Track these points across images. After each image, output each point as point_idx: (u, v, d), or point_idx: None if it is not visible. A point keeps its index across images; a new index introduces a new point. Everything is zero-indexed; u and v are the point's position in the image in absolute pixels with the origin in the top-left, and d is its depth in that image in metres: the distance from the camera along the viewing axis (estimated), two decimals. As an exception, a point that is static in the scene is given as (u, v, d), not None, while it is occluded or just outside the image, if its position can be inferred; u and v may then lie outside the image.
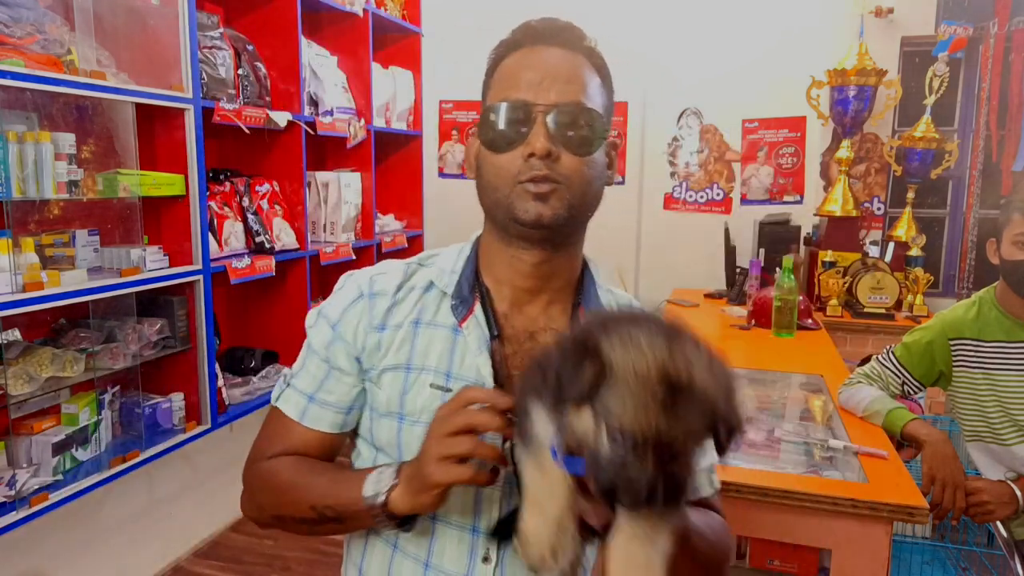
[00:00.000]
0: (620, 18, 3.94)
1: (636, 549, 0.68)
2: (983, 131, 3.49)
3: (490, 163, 0.90)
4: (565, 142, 0.87)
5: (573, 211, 0.90)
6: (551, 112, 0.87)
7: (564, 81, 0.88)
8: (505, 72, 0.92)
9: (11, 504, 1.88)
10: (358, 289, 0.97)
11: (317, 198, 3.17)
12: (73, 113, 2.15)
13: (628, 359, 0.64)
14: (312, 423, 0.96)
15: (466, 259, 0.97)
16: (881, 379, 1.96)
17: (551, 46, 0.91)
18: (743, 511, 1.54)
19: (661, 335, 0.66)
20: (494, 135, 0.89)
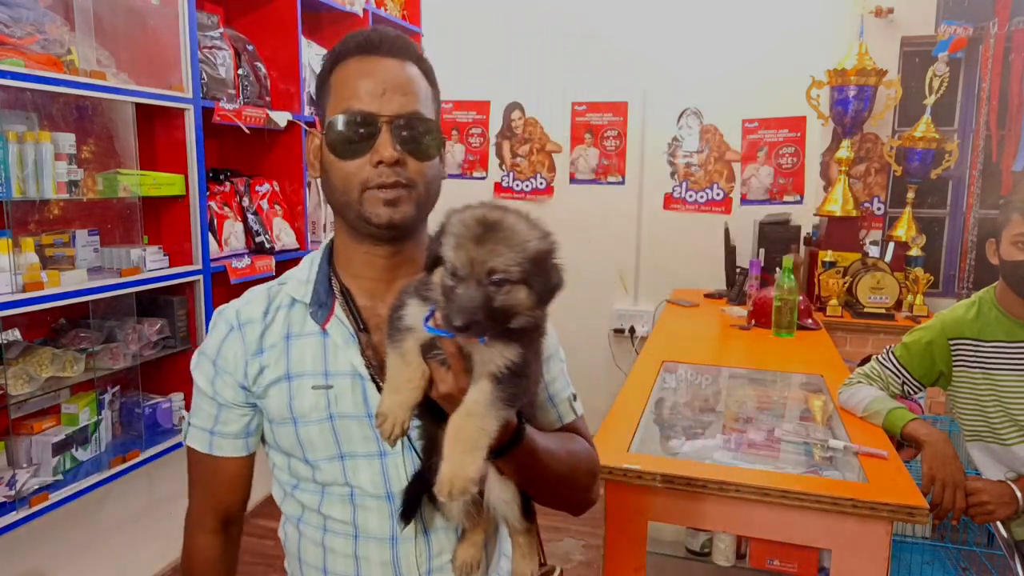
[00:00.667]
0: (620, 18, 3.94)
1: (467, 423, 0.82)
2: (983, 131, 3.49)
3: (338, 168, 0.97)
4: (409, 149, 0.96)
5: (420, 209, 1.00)
6: (395, 122, 0.95)
7: (402, 92, 0.96)
8: (345, 80, 0.98)
9: (11, 504, 1.88)
10: (227, 324, 1.04)
11: (317, 198, 3.17)
12: (73, 113, 2.16)
13: (457, 215, 0.83)
14: (220, 452, 1.07)
15: (318, 265, 1.06)
16: (881, 379, 1.96)
17: (385, 56, 0.98)
18: (743, 511, 1.54)
19: (492, 205, 0.84)
20: (340, 143, 0.96)
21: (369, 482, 1.00)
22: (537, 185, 4.21)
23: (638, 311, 4.08)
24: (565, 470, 1.00)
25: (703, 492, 1.55)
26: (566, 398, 1.11)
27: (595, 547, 2.86)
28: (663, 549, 2.29)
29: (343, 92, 0.97)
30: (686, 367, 2.51)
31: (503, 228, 0.81)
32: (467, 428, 0.82)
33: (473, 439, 0.82)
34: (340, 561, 1.03)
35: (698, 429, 1.96)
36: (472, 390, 0.83)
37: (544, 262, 0.82)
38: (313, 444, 1.00)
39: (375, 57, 0.97)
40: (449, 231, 0.82)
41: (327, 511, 1.03)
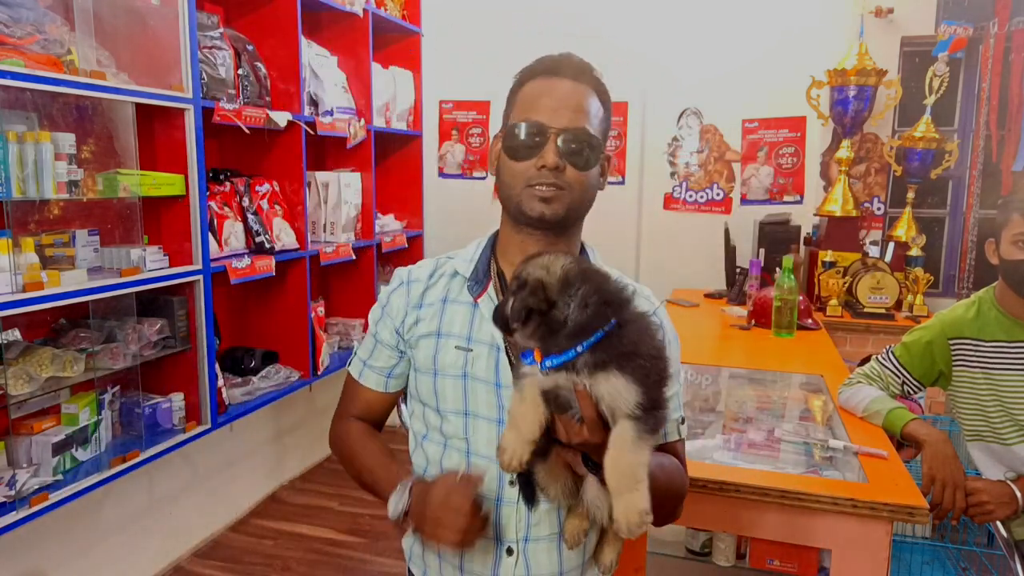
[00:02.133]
0: (621, 18, 3.94)
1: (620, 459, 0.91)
2: (983, 131, 3.49)
3: (509, 167, 1.14)
4: (570, 159, 1.10)
5: (571, 212, 1.14)
6: (561, 134, 1.10)
7: (573, 110, 1.11)
8: (527, 96, 1.14)
9: (11, 504, 1.88)
10: (399, 279, 1.24)
11: (317, 198, 3.17)
12: (73, 113, 2.15)
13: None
14: (365, 381, 1.27)
15: (483, 249, 1.22)
16: (881, 379, 1.96)
17: (566, 79, 1.13)
18: (743, 511, 1.54)
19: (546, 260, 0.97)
20: (515, 146, 1.12)
21: (485, 442, 1.13)
22: (537, 185, 4.21)
23: (638, 311, 4.08)
24: (661, 491, 1.06)
25: (703, 492, 1.55)
26: (675, 419, 1.21)
27: (595, 547, 2.86)
28: (663, 549, 2.29)
29: (525, 105, 1.13)
30: (686, 367, 2.51)
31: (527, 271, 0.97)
32: (622, 465, 0.90)
33: (632, 474, 0.90)
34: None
35: (698, 429, 1.96)
36: (616, 428, 0.92)
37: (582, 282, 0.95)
38: (446, 396, 1.15)
39: (558, 78, 1.13)
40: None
41: (447, 464, 1.17)
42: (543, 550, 1.13)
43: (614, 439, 0.91)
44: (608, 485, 0.92)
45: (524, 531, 1.12)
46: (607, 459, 0.91)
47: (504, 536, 1.12)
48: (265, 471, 3.33)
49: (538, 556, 1.12)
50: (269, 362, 2.95)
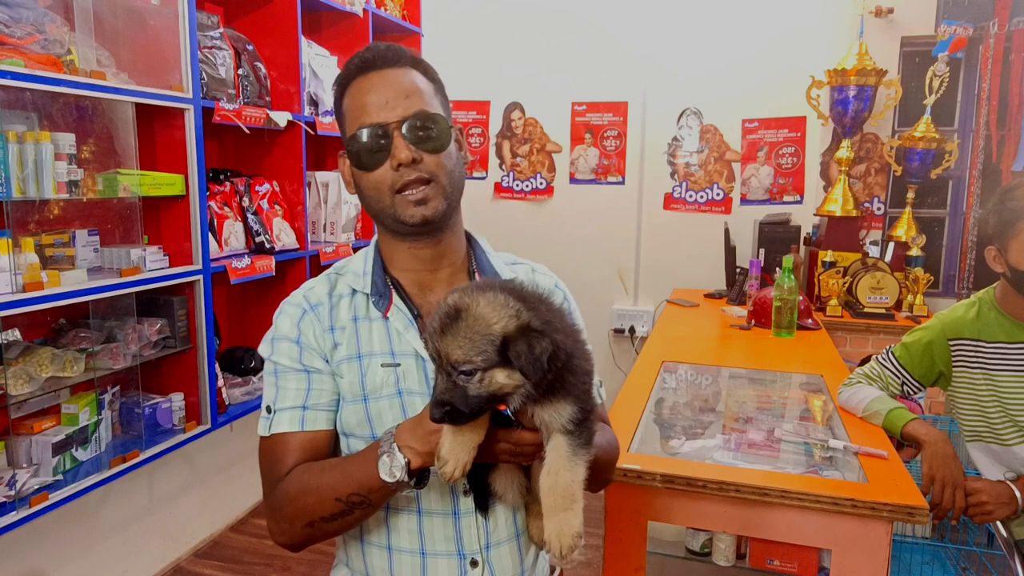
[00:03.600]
0: (620, 18, 3.94)
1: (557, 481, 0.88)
2: (983, 131, 3.49)
3: (365, 180, 1.06)
4: (421, 145, 1.04)
5: (448, 199, 1.07)
6: (403, 124, 1.03)
7: (404, 96, 1.04)
8: (352, 101, 1.07)
9: (11, 504, 1.88)
10: (298, 308, 1.11)
11: (317, 198, 3.17)
12: (73, 113, 2.15)
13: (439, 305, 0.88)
14: (313, 425, 1.07)
15: (372, 261, 1.14)
16: (881, 379, 1.96)
17: (383, 69, 1.06)
18: (743, 511, 1.54)
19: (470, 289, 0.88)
20: (361, 156, 1.05)
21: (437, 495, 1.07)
22: (537, 185, 4.21)
23: (638, 311, 4.08)
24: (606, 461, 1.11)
25: (703, 492, 1.55)
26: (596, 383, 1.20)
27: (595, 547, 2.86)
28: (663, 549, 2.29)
29: (354, 112, 1.06)
30: (686, 367, 2.51)
31: (467, 316, 0.85)
32: (559, 486, 0.87)
33: (569, 494, 0.87)
34: (404, 537, 1.08)
35: (698, 429, 1.96)
36: (549, 447, 0.89)
37: (517, 340, 0.84)
38: (382, 418, 1.06)
39: (373, 72, 1.05)
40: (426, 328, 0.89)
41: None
42: (506, 554, 1.11)
43: (551, 458, 0.88)
44: (543, 505, 0.88)
45: (485, 539, 1.09)
46: (543, 480, 0.89)
47: (467, 548, 1.08)
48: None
49: (502, 561, 1.11)
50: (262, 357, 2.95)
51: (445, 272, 1.13)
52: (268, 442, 1.08)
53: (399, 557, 1.08)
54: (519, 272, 1.20)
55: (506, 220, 4.21)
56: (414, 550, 1.07)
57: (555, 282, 1.23)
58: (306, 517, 1.02)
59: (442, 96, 1.11)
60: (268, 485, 1.08)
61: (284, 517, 1.04)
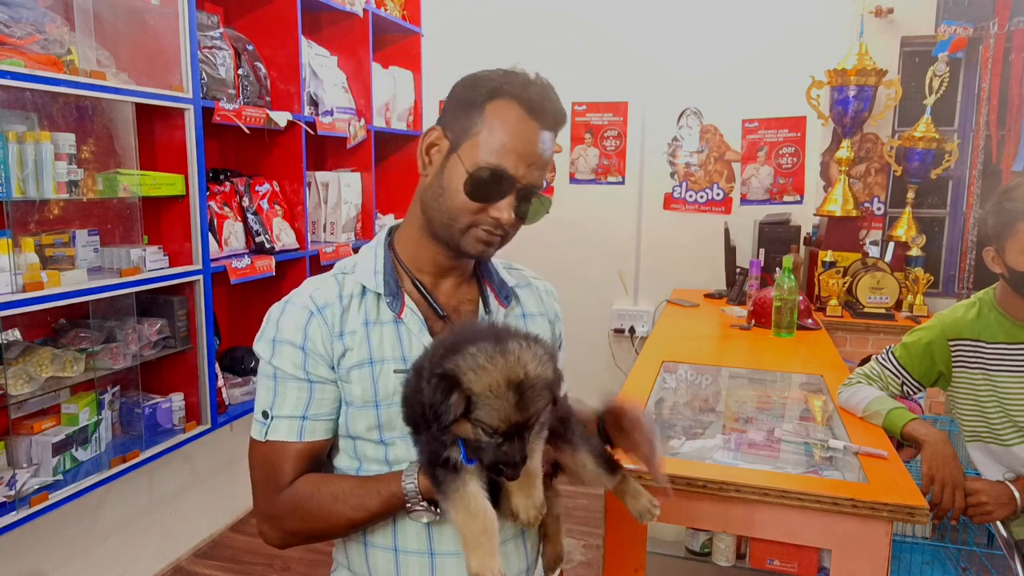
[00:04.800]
0: (621, 18, 3.94)
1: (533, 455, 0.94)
2: (983, 131, 3.49)
3: (459, 198, 1.04)
4: (520, 211, 1.06)
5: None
6: (524, 191, 1.05)
7: (540, 168, 1.06)
8: (504, 127, 1.03)
9: (11, 504, 1.88)
10: (304, 309, 1.06)
11: (317, 198, 3.17)
12: (73, 113, 2.15)
13: (482, 381, 0.87)
14: (311, 436, 1.06)
15: (384, 257, 1.13)
16: (880, 379, 1.96)
17: (545, 128, 1.05)
18: (743, 511, 1.54)
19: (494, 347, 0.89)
20: (476, 187, 1.03)
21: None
22: (537, 185, 4.21)
23: (638, 311, 4.08)
24: None
25: (703, 492, 1.55)
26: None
27: (595, 547, 2.86)
28: (663, 549, 2.29)
29: (499, 140, 1.03)
30: (686, 367, 2.51)
31: (534, 382, 0.88)
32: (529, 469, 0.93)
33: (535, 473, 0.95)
34: (412, 538, 1.07)
35: (698, 429, 1.96)
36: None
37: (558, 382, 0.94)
38: (392, 424, 1.05)
39: (536, 124, 1.04)
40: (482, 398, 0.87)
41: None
42: (512, 551, 1.13)
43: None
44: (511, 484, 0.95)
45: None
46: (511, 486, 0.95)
47: None
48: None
49: (508, 558, 1.11)
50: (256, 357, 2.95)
51: (454, 277, 1.15)
52: (263, 447, 1.06)
53: (406, 558, 1.07)
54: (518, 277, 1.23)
55: (506, 220, 4.20)
56: (422, 551, 1.07)
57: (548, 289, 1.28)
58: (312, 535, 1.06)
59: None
60: (263, 491, 1.06)
61: (285, 528, 1.06)
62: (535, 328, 1.18)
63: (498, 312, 1.16)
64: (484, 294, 1.17)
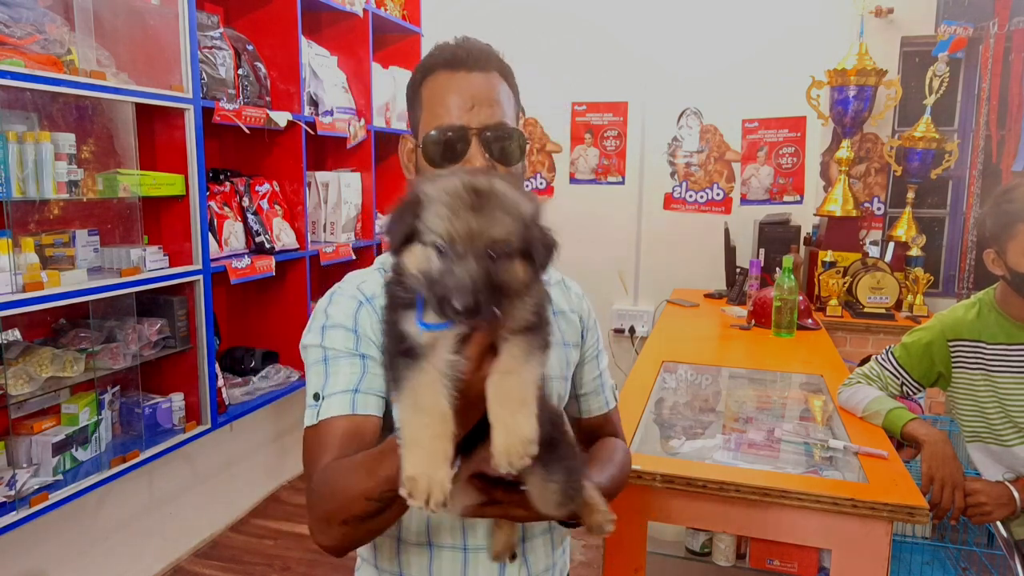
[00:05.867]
0: (621, 18, 3.94)
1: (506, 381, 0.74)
2: (983, 131, 3.49)
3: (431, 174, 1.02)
4: (497, 158, 1.03)
5: None
6: (483, 134, 1.03)
7: (488, 104, 1.03)
8: (435, 93, 1.05)
9: (11, 504, 1.88)
10: (353, 298, 1.05)
11: (317, 198, 3.17)
12: (73, 113, 2.16)
13: (439, 186, 0.75)
14: (365, 409, 0.98)
15: None
16: (880, 379, 1.96)
17: (473, 71, 1.04)
18: (743, 511, 1.54)
19: (474, 170, 0.81)
20: (436, 155, 1.03)
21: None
22: (537, 185, 4.21)
23: (638, 311, 4.08)
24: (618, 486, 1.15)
25: (703, 492, 1.55)
26: (611, 386, 1.27)
27: (595, 547, 2.86)
28: (663, 549, 2.29)
29: (435, 107, 1.04)
30: (686, 367, 2.51)
31: (497, 194, 0.74)
32: (508, 387, 0.74)
33: (519, 396, 0.74)
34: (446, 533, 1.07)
35: (698, 429, 1.96)
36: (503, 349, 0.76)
37: (539, 226, 0.78)
38: None
39: (462, 72, 1.04)
40: (434, 202, 0.73)
41: None
42: (539, 546, 1.12)
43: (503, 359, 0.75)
44: (490, 409, 0.74)
45: (522, 532, 1.10)
46: (491, 378, 0.75)
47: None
48: (265, 471, 3.32)
49: (536, 553, 1.12)
50: (269, 362, 2.95)
51: None
52: (313, 431, 0.99)
53: (439, 553, 1.06)
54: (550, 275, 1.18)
55: (506, 220, 4.20)
56: (456, 546, 1.06)
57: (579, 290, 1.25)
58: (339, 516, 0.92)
59: (517, 104, 1.11)
60: (308, 480, 0.99)
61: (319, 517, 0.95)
62: (564, 326, 1.16)
63: None
64: None
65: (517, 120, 1.10)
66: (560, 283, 1.22)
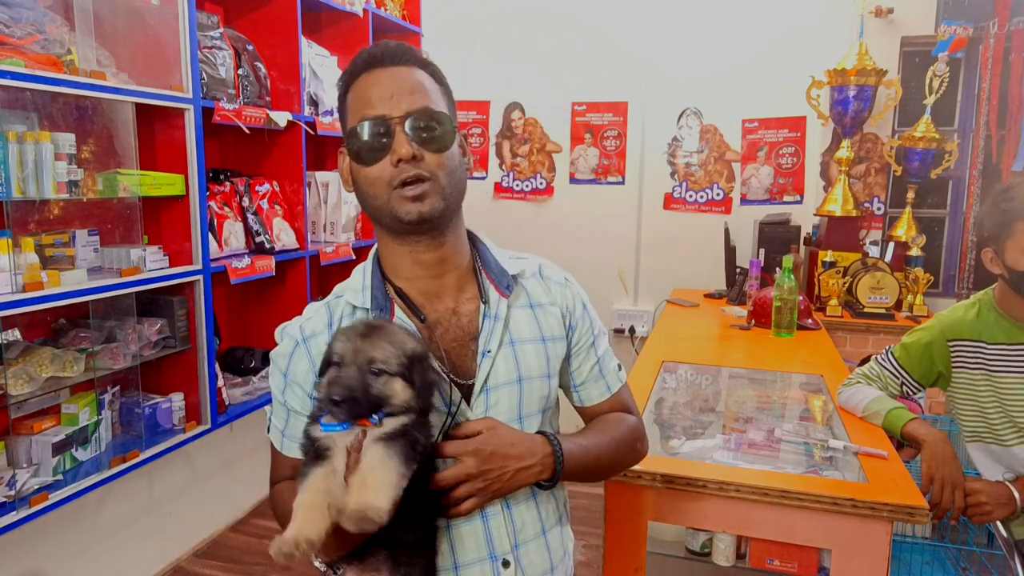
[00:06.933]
0: (621, 18, 3.94)
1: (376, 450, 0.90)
2: (983, 131, 3.49)
3: (363, 176, 1.03)
4: (423, 143, 1.01)
5: (447, 199, 1.04)
6: (406, 120, 1.00)
7: (409, 92, 1.02)
8: (357, 95, 1.04)
9: (11, 504, 1.88)
10: (292, 340, 1.10)
11: (317, 198, 3.17)
12: (73, 113, 2.16)
13: (345, 326, 0.99)
14: (289, 453, 1.12)
15: (371, 273, 1.10)
16: (880, 379, 1.96)
17: (390, 66, 1.03)
18: (743, 511, 1.54)
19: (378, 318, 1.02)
20: (361, 151, 1.02)
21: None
22: (537, 185, 4.21)
23: (638, 311, 4.08)
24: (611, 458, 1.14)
25: (703, 492, 1.55)
26: (613, 369, 1.21)
27: (595, 547, 2.86)
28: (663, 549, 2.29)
29: (356, 105, 1.03)
30: (686, 367, 2.51)
31: (385, 330, 0.94)
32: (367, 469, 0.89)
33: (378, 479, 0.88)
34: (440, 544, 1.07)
35: (698, 429, 1.96)
36: (374, 448, 0.90)
37: (420, 362, 0.94)
38: None
39: (380, 68, 1.03)
40: (339, 334, 0.96)
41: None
42: (535, 551, 1.10)
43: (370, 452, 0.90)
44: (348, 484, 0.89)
45: (514, 538, 1.08)
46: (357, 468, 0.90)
47: (498, 550, 1.06)
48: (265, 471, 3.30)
49: (531, 557, 1.10)
50: (269, 362, 2.95)
51: (451, 277, 1.09)
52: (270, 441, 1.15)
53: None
54: (525, 267, 1.15)
55: (506, 220, 4.21)
56: (447, 566, 1.05)
57: (564, 276, 1.19)
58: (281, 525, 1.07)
59: (448, 99, 1.08)
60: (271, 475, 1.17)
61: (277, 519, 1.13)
62: (545, 320, 1.12)
63: (499, 304, 1.08)
64: (482, 286, 1.10)
65: (453, 115, 1.07)
66: (536, 275, 1.16)
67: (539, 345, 1.11)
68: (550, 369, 1.12)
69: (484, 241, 1.16)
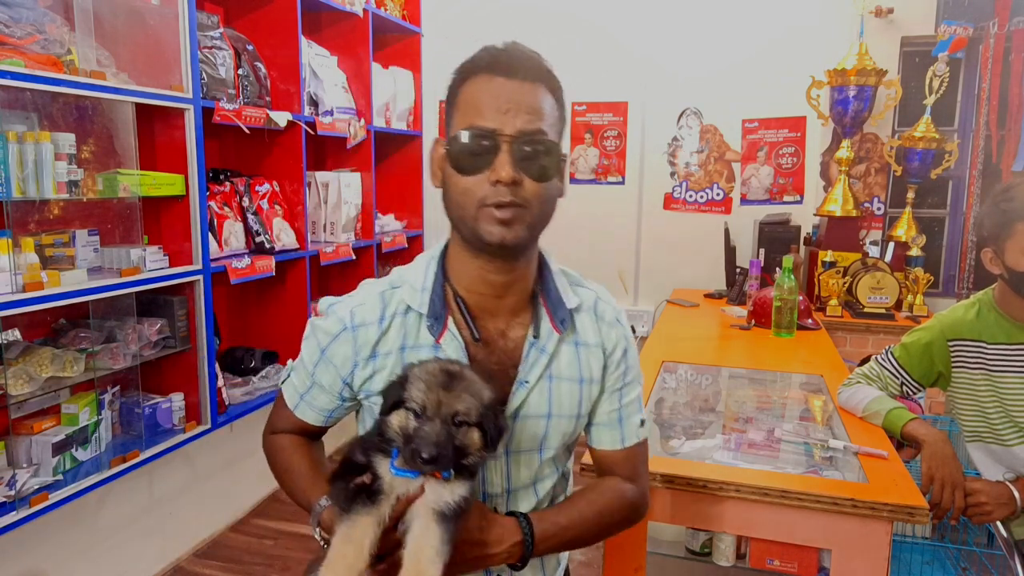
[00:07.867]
0: (621, 18, 3.94)
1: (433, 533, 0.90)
2: (983, 131, 3.49)
3: (456, 182, 0.98)
4: (527, 169, 0.96)
5: (532, 231, 1.00)
6: (515, 142, 0.95)
7: (526, 111, 0.96)
8: (471, 96, 0.98)
9: (11, 504, 1.88)
10: (340, 322, 1.05)
11: (317, 198, 3.17)
12: (73, 113, 2.16)
13: (420, 368, 0.94)
14: (301, 415, 1.13)
15: (434, 274, 1.06)
16: (880, 379, 1.96)
17: (515, 79, 0.97)
18: (743, 511, 1.54)
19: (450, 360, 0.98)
20: (461, 158, 0.96)
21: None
22: (537, 185, 4.21)
23: (638, 311, 4.08)
24: (594, 534, 1.09)
25: (703, 492, 1.55)
26: (634, 423, 1.15)
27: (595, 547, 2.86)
28: (663, 549, 2.29)
29: (469, 108, 0.97)
30: (686, 367, 2.51)
31: (465, 379, 0.93)
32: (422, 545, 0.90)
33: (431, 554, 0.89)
34: None
35: (698, 429, 1.96)
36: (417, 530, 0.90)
37: (494, 409, 0.94)
38: None
39: (503, 78, 0.97)
40: (416, 378, 0.93)
41: None
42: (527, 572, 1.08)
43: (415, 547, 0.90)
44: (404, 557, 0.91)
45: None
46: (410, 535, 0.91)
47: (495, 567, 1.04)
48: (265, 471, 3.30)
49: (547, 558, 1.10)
50: (269, 362, 2.95)
51: (511, 299, 1.06)
52: (280, 393, 1.16)
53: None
54: (584, 297, 1.12)
55: (506, 220, 4.20)
56: None
57: (616, 315, 1.15)
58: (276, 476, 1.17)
59: (562, 123, 1.04)
60: (269, 422, 1.19)
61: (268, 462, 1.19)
62: (587, 361, 1.09)
63: (550, 338, 1.05)
64: (537, 316, 1.06)
65: (560, 139, 1.02)
66: (591, 310, 1.12)
67: (575, 385, 1.08)
68: (581, 410, 1.10)
69: (551, 266, 1.12)
